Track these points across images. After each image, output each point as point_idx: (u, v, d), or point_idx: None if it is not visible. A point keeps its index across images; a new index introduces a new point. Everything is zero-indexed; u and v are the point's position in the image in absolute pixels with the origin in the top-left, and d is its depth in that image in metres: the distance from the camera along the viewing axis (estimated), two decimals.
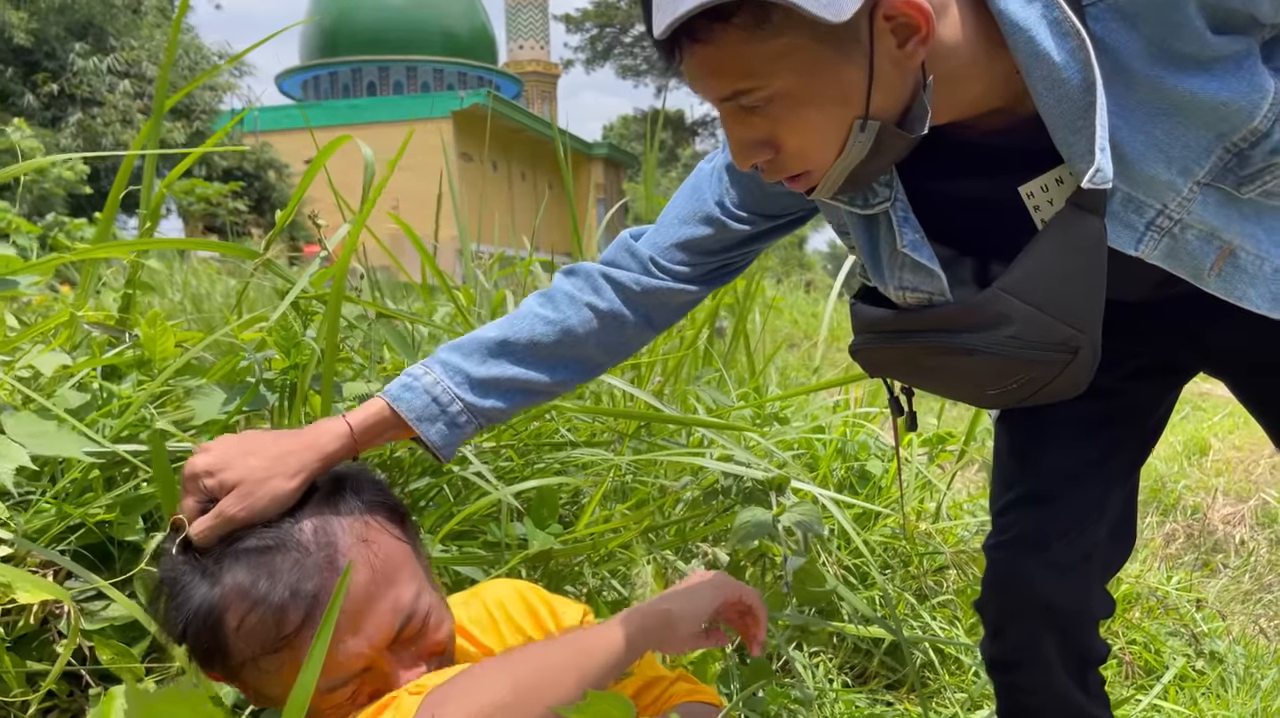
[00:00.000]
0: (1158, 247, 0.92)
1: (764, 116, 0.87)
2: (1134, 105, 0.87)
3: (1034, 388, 0.96)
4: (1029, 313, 0.89)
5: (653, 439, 1.68)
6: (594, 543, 1.60)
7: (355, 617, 0.94)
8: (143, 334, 1.36)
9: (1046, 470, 1.18)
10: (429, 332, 1.53)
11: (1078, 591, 1.17)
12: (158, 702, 0.61)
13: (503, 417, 1.15)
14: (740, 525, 1.39)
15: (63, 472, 1.28)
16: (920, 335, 0.96)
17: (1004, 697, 1.26)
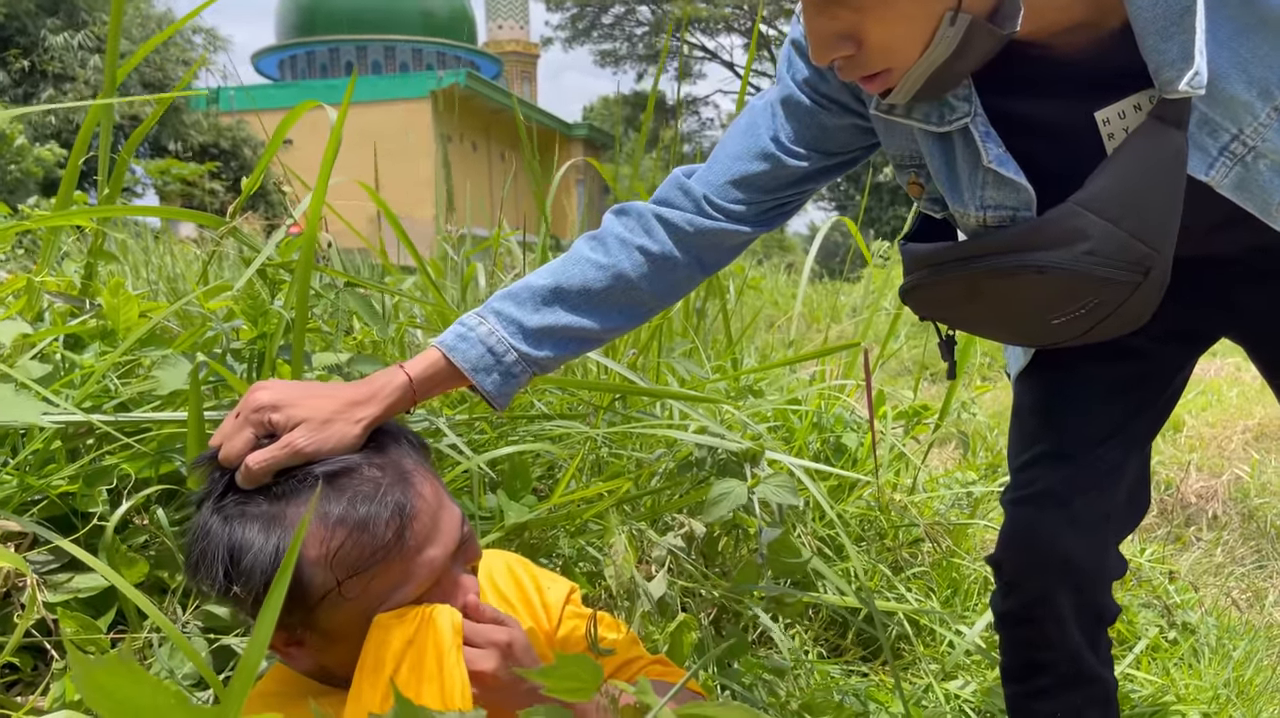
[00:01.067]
0: (1229, 174, 0.90)
1: (851, 8, 0.84)
2: (1223, 19, 0.84)
3: (1101, 314, 0.94)
4: (1105, 228, 0.87)
5: (628, 412, 1.67)
6: (569, 514, 1.59)
7: (433, 527, 0.94)
8: (105, 303, 1.34)
9: (1072, 429, 1.18)
10: (396, 300, 1.50)
11: (1096, 549, 1.17)
12: (101, 672, 0.59)
13: (556, 364, 1.13)
14: (714, 497, 1.38)
15: (24, 442, 1.25)
16: (990, 259, 0.94)
17: (1013, 652, 1.25)
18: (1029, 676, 1.23)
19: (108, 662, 0.60)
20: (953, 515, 1.98)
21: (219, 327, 1.38)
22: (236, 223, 1.34)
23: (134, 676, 0.60)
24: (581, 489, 1.58)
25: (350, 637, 0.92)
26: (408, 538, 0.91)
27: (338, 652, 0.94)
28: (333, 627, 0.92)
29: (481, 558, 1.22)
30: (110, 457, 1.33)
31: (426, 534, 0.93)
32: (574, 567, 1.59)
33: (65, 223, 1.37)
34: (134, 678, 0.60)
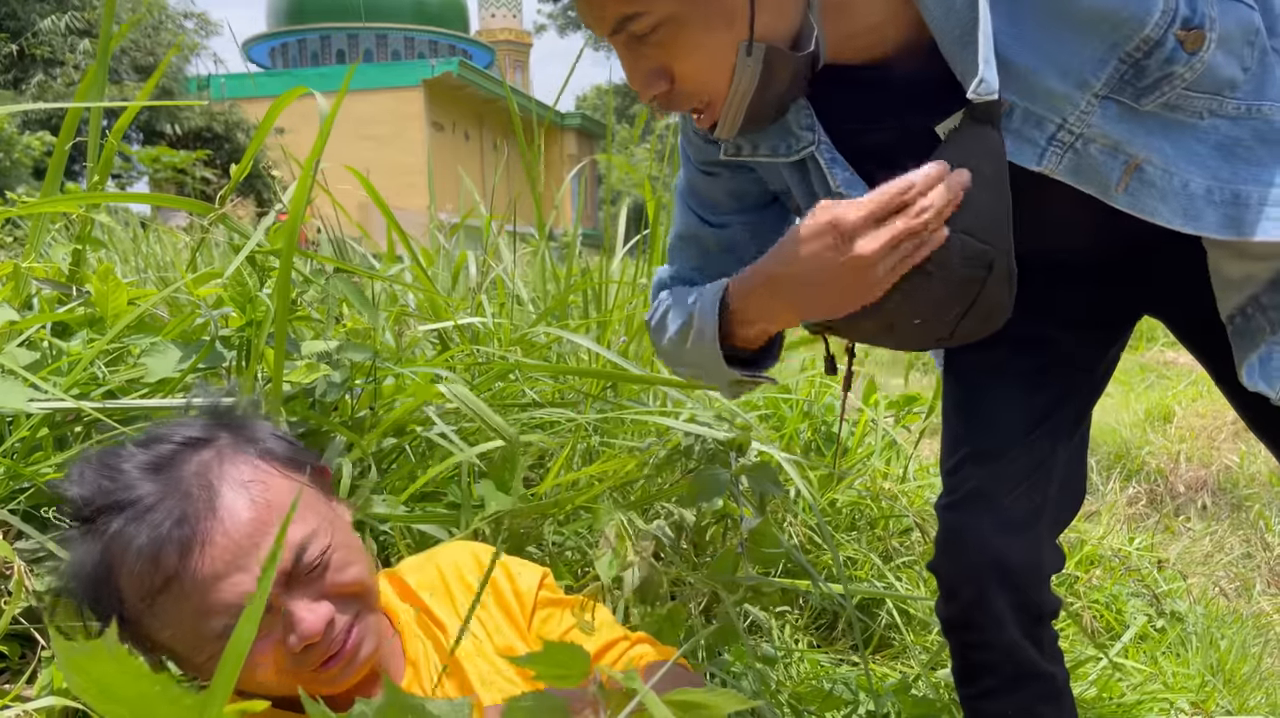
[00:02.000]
0: (1061, 161, 0.92)
1: (654, 45, 0.88)
2: (1025, 16, 0.87)
3: (957, 313, 0.96)
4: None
5: (617, 400, 1.67)
6: (556, 503, 1.59)
7: (240, 553, 0.93)
8: (94, 290, 1.33)
9: (993, 426, 1.18)
10: (386, 287, 1.50)
11: (1029, 546, 1.17)
12: (86, 658, 0.59)
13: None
14: (698, 485, 1.39)
15: (11, 429, 1.24)
16: None
17: (958, 656, 1.26)
18: (975, 678, 1.24)
19: (93, 648, 0.59)
20: None
21: (207, 314, 1.37)
22: (227, 209, 1.33)
23: (119, 662, 0.60)
24: (571, 478, 1.58)
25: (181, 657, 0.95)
26: (193, 565, 0.91)
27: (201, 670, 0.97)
28: (163, 638, 0.94)
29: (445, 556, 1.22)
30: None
31: (230, 561, 0.92)
32: (559, 557, 1.59)
33: (52, 209, 1.36)
34: (119, 664, 0.60)
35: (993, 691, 1.22)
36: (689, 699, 0.74)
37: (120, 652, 0.58)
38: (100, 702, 0.62)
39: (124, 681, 0.57)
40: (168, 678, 0.58)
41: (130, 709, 0.60)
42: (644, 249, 2.05)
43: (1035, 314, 1.01)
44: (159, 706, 0.58)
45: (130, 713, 0.61)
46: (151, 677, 0.59)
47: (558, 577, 1.58)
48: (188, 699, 0.58)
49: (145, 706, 0.58)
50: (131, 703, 0.60)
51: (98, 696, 0.61)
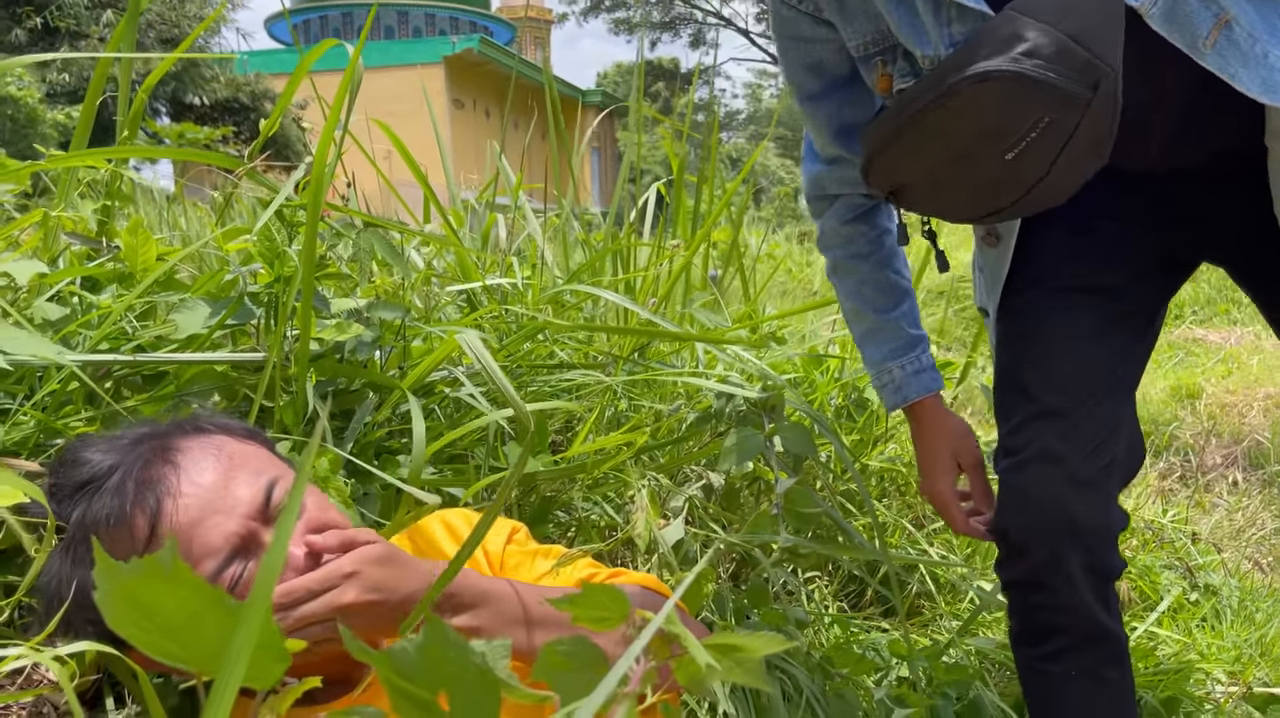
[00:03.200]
0: (1157, 3, 0.90)
1: None
2: None
3: (1056, 142, 0.91)
4: (1042, 28, 0.87)
5: (646, 363, 1.65)
6: (584, 466, 1.57)
7: (212, 497, 0.93)
8: (123, 244, 1.32)
9: (1062, 384, 1.15)
10: (418, 243, 1.48)
11: (1100, 505, 1.15)
12: (133, 578, 0.57)
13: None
14: (730, 446, 1.36)
15: (41, 382, 1.24)
16: (934, 88, 0.93)
17: (1023, 618, 1.24)
18: (1042, 640, 1.21)
19: (145, 566, 0.58)
20: None
21: (236, 270, 1.36)
22: (255, 164, 1.32)
23: (174, 577, 0.58)
24: (598, 442, 1.56)
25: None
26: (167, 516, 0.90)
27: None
28: None
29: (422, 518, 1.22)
30: (128, 399, 1.32)
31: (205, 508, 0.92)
32: (587, 522, 1.58)
33: (81, 163, 1.35)
34: (174, 581, 0.58)
35: (1060, 652, 1.19)
36: (726, 642, 0.72)
37: (178, 566, 0.56)
38: (142, 632, 0.61)
39: (175, 601, 0.56)
40: (221, 593, 0.56)
41: (175, 636, 0.59)
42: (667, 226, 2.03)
43: (1104, 260, 0.98)
44: (207, 626, 0.57)
45: (175, 642, 0.60)
46: (208, 593, 0.57)
47: (586, 541, 1.57)
48: (238, 612, 0.57)
49: (193, 628, 0.57)
50: (180, 631, 0.58)
51: (141, 624, 0.60)
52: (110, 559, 0.59)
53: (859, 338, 1.37)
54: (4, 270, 1.20)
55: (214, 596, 0.59)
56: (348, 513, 1.37)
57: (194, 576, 0.58)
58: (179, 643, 0.62)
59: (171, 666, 0.62)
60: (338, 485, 1.35)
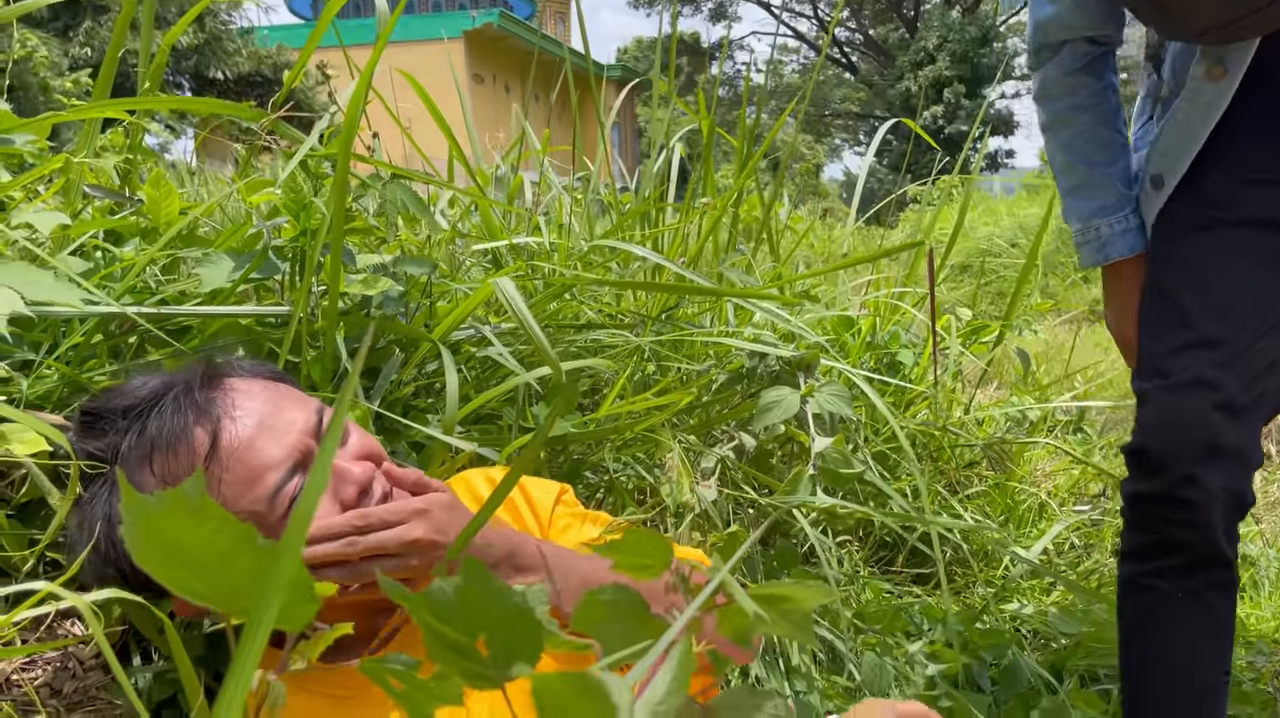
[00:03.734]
0: None
1: None
2: None
3: None
4: None
5: (675, 323, 1.61)
6: (616, 428, 1.54)
7: (266, 416, 0.92)
8: (146, 197, 1.30)
9: (1227, 314, 1.13)
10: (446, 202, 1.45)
11: (1247, 435, 1.13)
12: (158, 511, 0.55)
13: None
14: (765, 405, 1.33)
15: (64, 335, 1.22)
16: None
17: (1145, 530, 1.21)
18: (1157, 555, 1.19)
19: (170, 499, 0.55)
20: (1009, 438, 1.92)
21: (260, 224, 1.33)
22: (279, 114, 1.29)
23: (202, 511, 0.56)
24: (628, 403, 1.54)
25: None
26: (226, 432, 0.89)
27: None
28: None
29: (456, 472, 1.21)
30: (152, 354, 1.31)
31: (260, 433, 0.91)
32: (620, 483, 1.55)
33: (101, 114, 1.32)
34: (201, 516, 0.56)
35: (1173, 570, 1.17)
36: (773, 592, 0.69)
37: (204, 501, 0.53)
38: (168, 570, 0.59)
39: (203, 537, 0.53)
40: (251, 531, 0.54)
41: (203, 574, 0.56)
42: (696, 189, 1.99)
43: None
44: (238, 564, 0.54)
45: (203, 581, 0.57)
46: (236, 527, 0.55)
47: (618, 503, 1.54)
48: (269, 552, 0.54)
49: (222, 565, 0.55)
50: (208, 569, 0.56)
51: (166, 561, 0.58)
52: (134, 492, 0.56)
53: (1066, 190, 1.35)
54: (26, 221, 1.18)
55: (242, 532, 0.57)
56: None
57: (221, 511, 0.55)
58: (207, 582, 0.59)
59: (200, 605, 0.60)
60: None
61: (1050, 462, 2.21)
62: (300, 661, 0.65)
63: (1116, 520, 1.98)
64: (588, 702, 0.42)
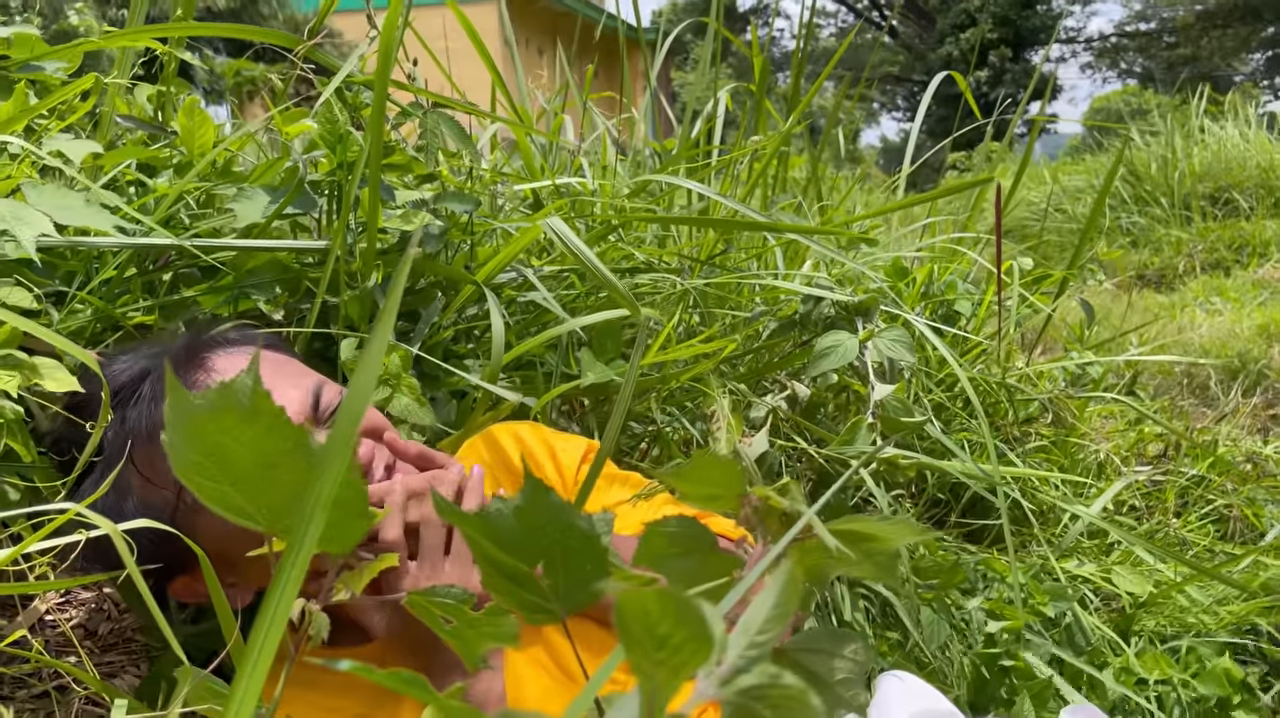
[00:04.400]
0: None
1: None
2: None
3: None
4: None
5: (724, 268, 1.55)
6: (662, 377, 1.49)
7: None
8: (180, 126, 1.25)
9: None
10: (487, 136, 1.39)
11: None
12: (206, 413, 0.50)
13: None
14: (822, 350, 1.27)
15: (97, 269, 1.18)
16: None
17: None
18: None
19: (218, 394, 0.50)
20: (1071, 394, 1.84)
21: (297, 157, 1.28)
22: (316, 42, 1.24)
23: (255, 409, 0.50)
24: (674, 350, 1.48)
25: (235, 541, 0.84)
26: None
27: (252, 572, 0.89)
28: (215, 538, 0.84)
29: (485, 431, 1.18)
30: (186, 291, 1.27)
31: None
32: (667, 433, 1.50)
33: (133, 43, 1.27)
34: (253, 415, 0.50)
35: None
36: (857, 529, 0.64)
37: (257, 397, 0.48)
38: (210, 483, 0.54)
39: (251, 440, 0.48)
40: (303, 433, 0.49)
41: (246, 486, 0.51)
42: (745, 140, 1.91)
43: None
44: (284, 474, 0.49)
45: (246, 495, 0.52)
46: (289, 427, 0.50)
47: (665, 455, 1.49)
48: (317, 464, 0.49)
49: (267, 476, 0.49)
50: (252, 482, 0.51)
51: (209, 470, 0.52)
52: (183, 389, 0.51)
53: None
54: (58, 149, 1.13)
55: (295, 434, 0.52)
56: (422, 412, 1.31)
57: (275, 406, 0.50)
58: (250, 496, 0.55)
59: (240, 523, 0.55)
60: (410, 383, 1.29)
61: (1107, 423, 2.13)
62: (346, 590, 0.60)
63: (1179, 481, 1.90)
64: (682, 625, 0.37)
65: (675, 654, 0.37)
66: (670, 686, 0.37)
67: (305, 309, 1.34)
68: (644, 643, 0.37)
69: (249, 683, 0.46)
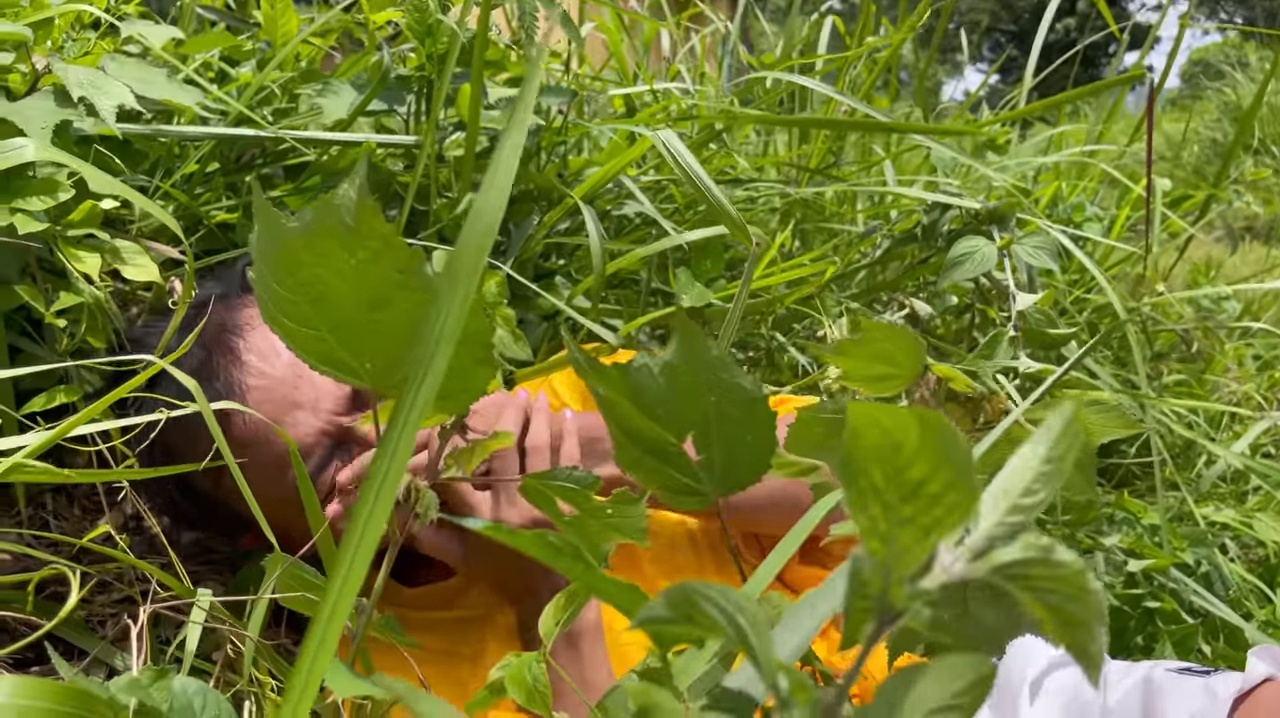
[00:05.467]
0: None
1: None
2: None
3: None
4: None
5: (832, 179, 1.43)
6: (769, 299, 1.39)
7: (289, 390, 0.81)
8: (263, 14, 1.18)
9: None
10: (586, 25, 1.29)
11: None
12: (302, 237, 0.41)
13: None
14: (956, 258, 1.15)
15: (179, 164, 1.12)
16: None
17: None
18: None
19: (316, 215, 0.42)
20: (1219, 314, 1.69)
21: (384, 51, 1.20)
22: None
23: (362, 231, 0.42)
24: (781, 271, 1.37)
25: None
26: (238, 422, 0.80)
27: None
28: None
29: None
30: (271, 192, 1.20)
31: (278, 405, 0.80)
32: (780, 358, 1.40)
33: None
34: (357, 238, 0.42)
35: None
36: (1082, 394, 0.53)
37: (364, 212, 0.40)
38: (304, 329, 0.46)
39: (351, 270, 0.40)
40: (419, 255, 0.40)
41: (348, 336, 0.42)
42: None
43: None
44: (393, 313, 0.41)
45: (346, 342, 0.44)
46: (401, 249, 0.41)
47: (775, 381, 1.39)
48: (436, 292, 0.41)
49: (373, 323, 0.41)
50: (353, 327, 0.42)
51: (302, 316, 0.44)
52: (274, 212, 0.43)
53: None
54: (138, 33, 1.06)
55: (408, 259, 0.43)
56: (517, 346, 1.23)
57: (385, 226, 0.42)
58: (352, 344, 0.46)
59: (341, 379, 0.47)
60: (505, 314, 1.21)
61: (1232, 368, 1.97)
62: (456, 467, 0.52)
63: None
64: (943, 468, 0.28)
65: (929, 509, 0.27)
66: (913, 553, 0.28)
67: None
68: (886, 492, 0.28)
69: (353, 561, 0.38)
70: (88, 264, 0.80)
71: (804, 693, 0.29)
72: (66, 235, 0.81)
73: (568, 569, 0.36)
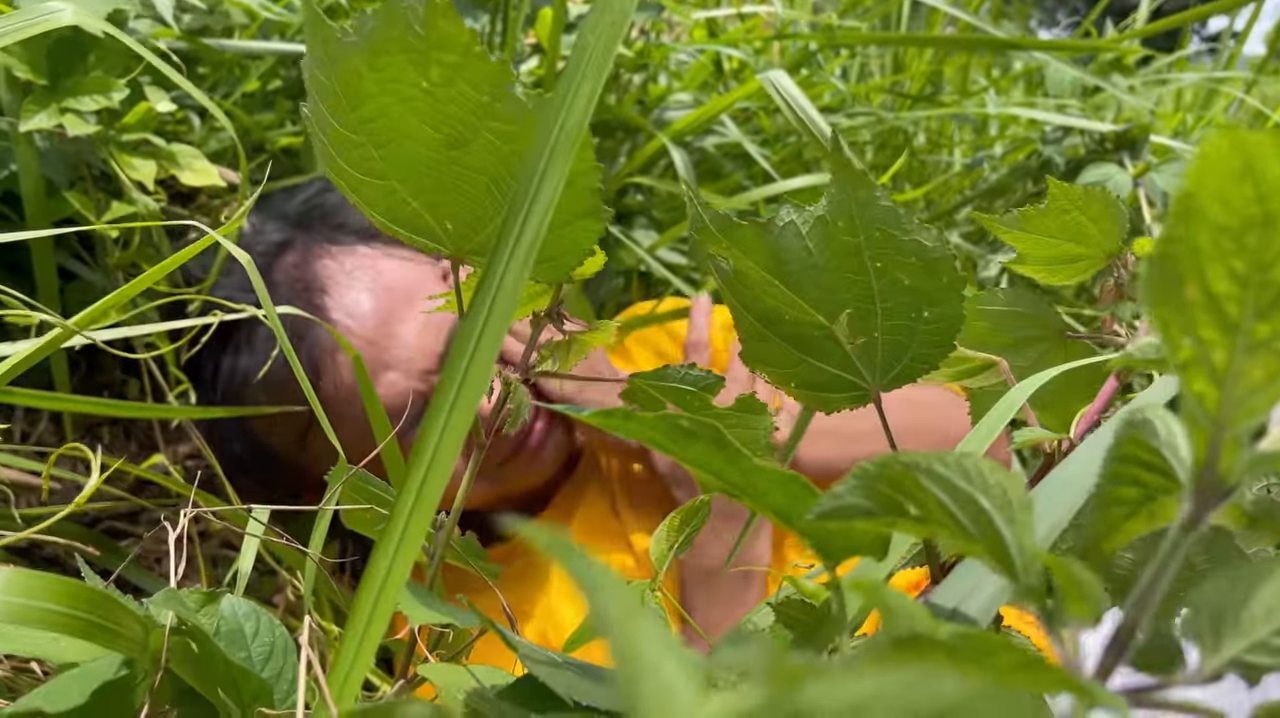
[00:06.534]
0: None
1: None
2: None
3: None
4: None
5: (938, 103, 1.32)
6: None
7: (378, 350, 0.78)
8: None
9: None
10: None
11: None
12: (363, 53, 0.33)
13: None
14: (1091, 183, 1.04)
15: (239, 82, 1.05)
16: None
17: None
18: None
19: (377, 24, 0.34)
20: None
21: None
22: None
23: (436, 38, 0.34)
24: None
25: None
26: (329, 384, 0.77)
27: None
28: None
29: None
30: None
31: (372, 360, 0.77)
32: None
33: None
34: (425, 51, 0.34)
35: None
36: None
37: (439, 12, 0.31)
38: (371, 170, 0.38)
39: (432, 92, 0.31)
40: (507, 71, 0.32)
41: (421, 179, 0.34)
42: None
43: None
44: (480, 154, 0.32)
45: (416, 187, 0.35)
46: (488, 70, 0.33)
47: None
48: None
49: (451, 155, 0.33)
50: (430, 163, 0.34)
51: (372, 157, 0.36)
52: (329, 26, 0.35)
53: None
54: None
55: (496, 75, 0.35)
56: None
57: (467, 31, 0.33)
58: (426, 195, 0.38)
59: (414, 241, 0.38)
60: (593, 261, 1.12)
61: None
62: (550, 361, 0.43)
63: None
64: None
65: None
66: (1262, 399, 0.19)
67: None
68: (1233, 291, 0.18)
69: (434, 461, 0.29)
70: (141, 172, 0.73)
71: (1082, 601, 0.19)
72: (120, 140, 0.74)
73: (706, 460, 0.27)
